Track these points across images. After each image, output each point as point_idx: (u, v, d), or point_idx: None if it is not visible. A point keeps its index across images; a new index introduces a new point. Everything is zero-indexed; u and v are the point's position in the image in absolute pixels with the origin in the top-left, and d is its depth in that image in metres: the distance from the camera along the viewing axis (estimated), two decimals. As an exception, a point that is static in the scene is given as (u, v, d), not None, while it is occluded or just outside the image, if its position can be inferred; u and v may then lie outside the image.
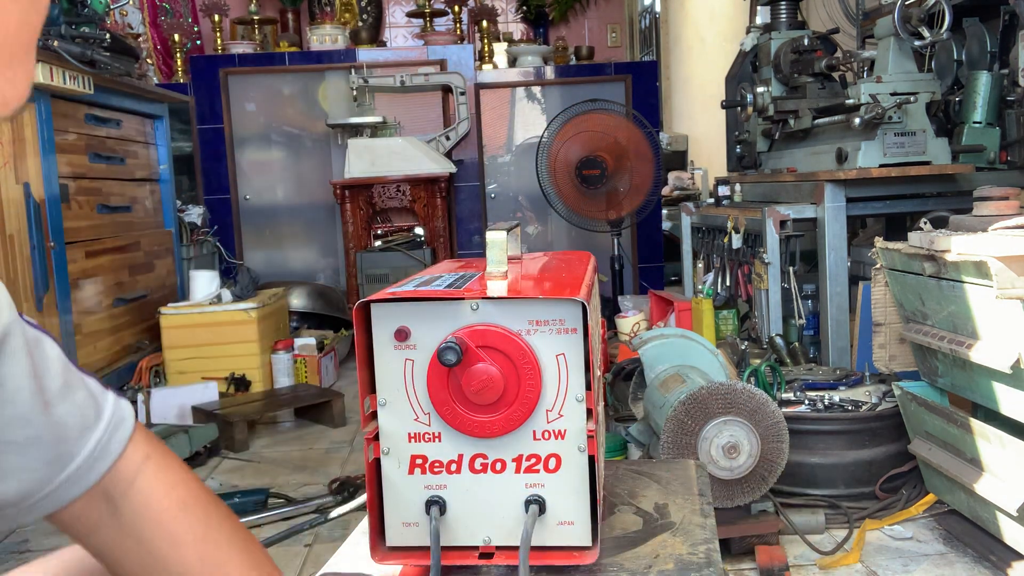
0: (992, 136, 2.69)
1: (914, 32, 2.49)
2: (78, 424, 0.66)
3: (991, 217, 1.72)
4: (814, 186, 2.63)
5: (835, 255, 2.56)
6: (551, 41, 5.32)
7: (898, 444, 2.03)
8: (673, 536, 0.88)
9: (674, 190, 5.80)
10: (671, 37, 7.26)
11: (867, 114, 2.48)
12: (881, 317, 2.11)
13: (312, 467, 2.57)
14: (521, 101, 4.67)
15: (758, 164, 3.31)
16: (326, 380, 3.53)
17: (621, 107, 4.01)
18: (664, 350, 2.04)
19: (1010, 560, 1.65)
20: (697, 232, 3.40)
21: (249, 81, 4.53)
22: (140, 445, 0.71)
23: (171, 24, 4.85)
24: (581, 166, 3.75)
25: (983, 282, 1.55)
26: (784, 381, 2.23)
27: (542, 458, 0.80)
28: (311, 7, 5.15)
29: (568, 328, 0.78)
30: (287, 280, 4.30)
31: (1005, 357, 1.53)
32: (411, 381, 0.80)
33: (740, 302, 3.00)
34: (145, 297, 3.29)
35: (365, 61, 4.51)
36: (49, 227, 2.52)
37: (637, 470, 1.08)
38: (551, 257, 1.07)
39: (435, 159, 4.17)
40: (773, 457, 1.71)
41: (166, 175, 3.60)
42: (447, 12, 5.02)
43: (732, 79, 3.51)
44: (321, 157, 4.58)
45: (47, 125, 2.54)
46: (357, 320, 0.79)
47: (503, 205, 4.67)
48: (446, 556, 0.82)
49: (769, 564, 1.69)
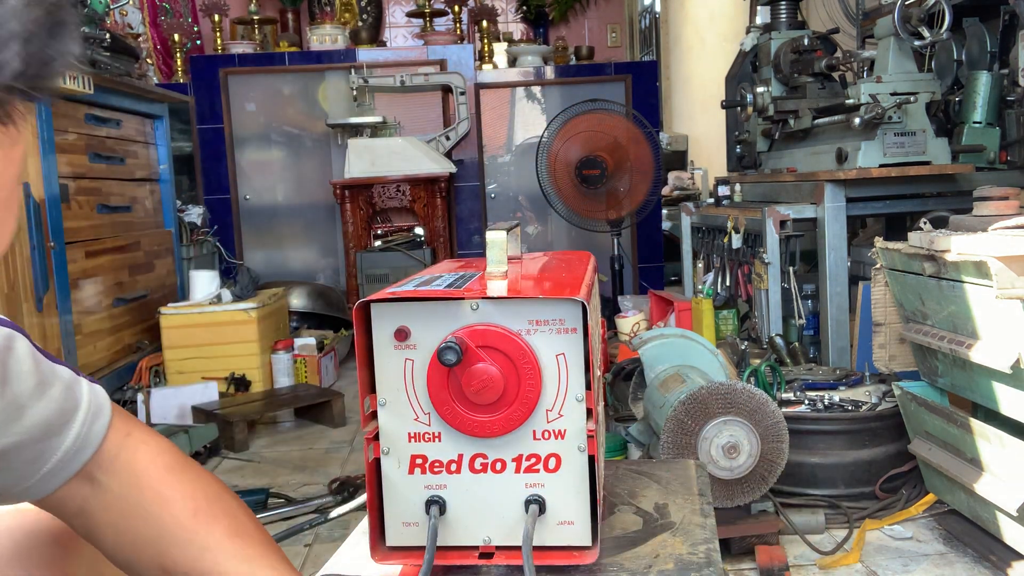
0: (992, 136, 2.69)
1: (914, 32, 2.49)
2: (56, 420, 0.66)
3: (991, 217, 1.72)
4: (814, 186, 2.63)
5: (835, 255, 2.56)
6: (551, 41, 5.32)
7: (898, 444, 2.03)
8: (673, 536, 0.88)
9: (674, 190, 5.80)
10: (671, 37, 7.26)
11: (867, 114, 2.48)
12: (881, 317, 2.11)
13: (312, 467, 2.57)
14: (521, 101, 4.67)
15: (758, 164, 3.31)
16: (326, 380, 3.53)
17: (621, 107, 4.01)
18: (664, 350, 2.04)
19: (1010, 560, 1.65)
20: (697, 232, 3.40)
21: (249, 81, 4.53)
22: (120, 427, 0.72)
23: (171, 24, 4.85)
24: (581, 166, 3.75)
25: (983, 282, 1.55)
26: (784, 381, 2.23)
27: (542, 458, 0.80)
28: (311, 7, 5.15)
29: (568, 328, 0.78)
30: (287, 280, 4.30)
31: (1005, 357, 1.53)
32: (411, 381, 0.80)
33: (740, 302, 3.00)
34: (145, 297, 3.29)
35: (365, 61, 4.51)
36: (49, 227, 2.52)
37: (637, 470, 1.08)
38: (551, 257, 1.07)
39: (435, 159, 4.17)
40: (773, 457, 1.71)
41: (166, 175, 3.59)
42: (447, 12, 5.02)
43: (732, 79, 3.51)
44: (321, 157, 4.58)
45: (47, 125, 2.54)
46: (357, 320, 0.79)
47: (503, 205, 4.67)
48: (446, 556, 0.82)
49: (769, 564, 1.69)
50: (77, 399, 0.69)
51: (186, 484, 0.73)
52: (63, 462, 0.68)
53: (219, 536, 0.72)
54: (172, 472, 0.73)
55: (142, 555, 0.71)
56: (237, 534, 0.73)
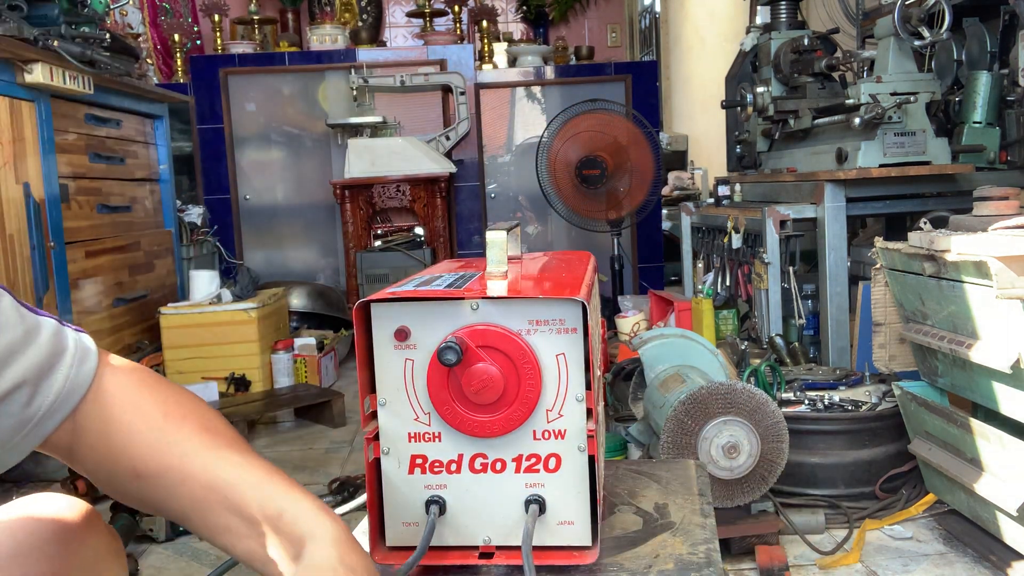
0: (992, 136, 2.69)
1: (914, 32, 2.49)
2: (47, 363, 0.70)
3: (991, 217, 1.72)
4: (814, 186, 2.63)
5: (835, 255, 2.56)
6: (551, 41, 5.32)
7: (898, 444, 2.03)
8: (673, 536, 0.88)
9: (674, 190, 5.80)
10: (671, 37, 7.26)
11: (867, 114, 2.48)
12: (881, 317, 2.11)
13: (312, 467, 2.57)
14: (521, 101, 4.67)
15: (758, 164, 3.31)
16: (326, 380, 3.53)
17: (621, 107, 4.01)
18: (664, 350, 2.04)
19: (1010, 560, 1.65)
20: (697, 232, 3.40)
21: (249, 81, 4.53)
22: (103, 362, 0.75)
23: (171, 24, 4.85)
24: (581, 166, 3.75)
25: (983, 282, 1.55)
26: (784, 381, 2.23)
27: (542, 458, 0.80)
28: (311, 7, 5.14)
29: (568, 328, 0.78)
30: (287, 280, 4.30)
31: (1005, 357, 1.53)
32: (411, 381, 0.80)
33: (740, 302, 3.00)
34: (145, 297, 3.29)
35: (365, 61, 4.51)
36: (49, 227, 2.52)
37: (637, 470, 1.08)
38: (551, 257, 1.07)
39: (435, 159, 4.17)
40: (773, 457, 1.71)
41: (166, 175, 3.59)
42: (447, 12, 5.02)
43: (732, 79, 3.51)
44: (321, 157, 4.58)
45: (47, 125, 2.54)
46: (357, 320, 0.79)
47: (503, 205, 4.67)
48: (446, 556, 0.82)
49: (769, 564, 1.69)
50: (64, 344, 0.72)
51: (156, 393, 0.76)
52: (57, 403, 0.71)
53: (187, 432, 0.74)
54: (144, 384, 0.76)
55: (118, 466, 0.73)
56: (206, 429, 0.75)
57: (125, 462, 0.73)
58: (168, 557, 1.99)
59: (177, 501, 0.72)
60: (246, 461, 0.73)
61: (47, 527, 0.75)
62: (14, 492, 2.03)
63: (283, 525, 0.69)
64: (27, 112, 2.43)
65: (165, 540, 2.05)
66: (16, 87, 2.37)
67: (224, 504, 0.71)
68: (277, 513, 0.70)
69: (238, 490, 0.71)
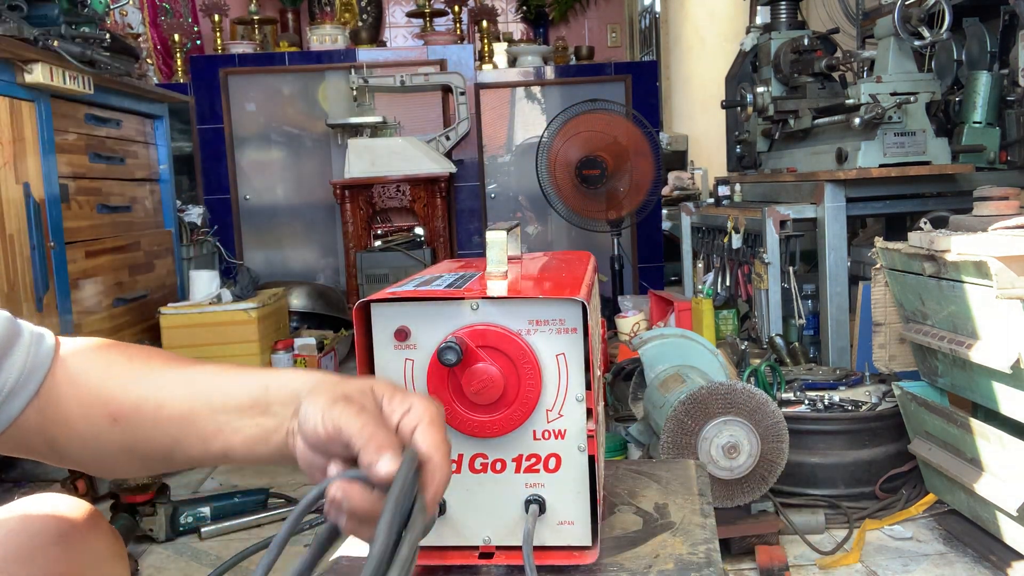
0: (992, 136, 2.69)
1: (914, 32, 2.49)
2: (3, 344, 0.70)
3: (991, 217, 1.72)
4: (814, 186, 2.63)
5: (835, 255, 2.56)
6: (551, 41, 5.32)
7: (898, 444, 2.03)
8: (673, 536, 0.88)
9: (674, 190, 5.80)
10: (671, 37, 7.26)
11: (867, 114, 2.48)
12: (881, 317, 2.11)
13: (312, 467, 2.57)
14: (521, 101, 4.67)
15: (758, 164, 3.31)
16: (326, 380, 3.53)
17: (621, 107, 4.01)
18: (664, 350, 2.04)
19: (1010, 560, 1.65)
20: (697, 232, 3.40)
21: (249, 81, 4.53)
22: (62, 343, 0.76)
23: (171, 24, 4.85)
24: (581, 166, 3.75)
25: (983, 282, 1.55)
26: (784, 381, 2.23)
27: (542, 458, 0.80)
28: (311, 7, 5.14)
29: (568, 328, 0.78)
30: (287, 280, 4.30)
31: (1005, 357, 1.53)
32: (411, 381, 0.80)
33: (740, 302, 3.00)
34: (145, 297, 3.29)
35: (365, 61, 4.51)
36: (49, 227, 2.52)
37: (637, 470, 1.08)
38: (551, 257, 1.07)
39: (435, 159, 4.16)
40: (773, 457, 1.71)
41: (166, 175, 3.59)
42: (447, 12, 5.02)
43: (732, 79, 3.51)
44: (321, 157, 4.58)
45: (47, 125, 2.53)
46: (357, 320, 0.79)
47: (503, 205, 4.67)
48: (446, 556, 0.82)
49: (769, 564, 1.69)
50: (18, 329, 0.73)
51: (120, 349, 0.76)
52: (21, 382, 0.71)
53: (155, 365, 0.73)
54: (106, 345, 0.76)
55: (94, 422, 0.72)
56: (173, 359, 0.75)
57: (100, 411, 0.71)
58: (168, 557, 1.99)
59: (161, 429, 0.70)
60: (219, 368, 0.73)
61: (50, 528, 0.75)
62: (15, 492, 2.03)
63: (272, 393, 0.67)
64: (27, 112, 2.43)
65: (165, 540, 2.05)
66: (16, 87, 2.37)
67: (209, 407, 0.69)
68: (263, 388, 0.68)
69: (220, 389, 0.70)
